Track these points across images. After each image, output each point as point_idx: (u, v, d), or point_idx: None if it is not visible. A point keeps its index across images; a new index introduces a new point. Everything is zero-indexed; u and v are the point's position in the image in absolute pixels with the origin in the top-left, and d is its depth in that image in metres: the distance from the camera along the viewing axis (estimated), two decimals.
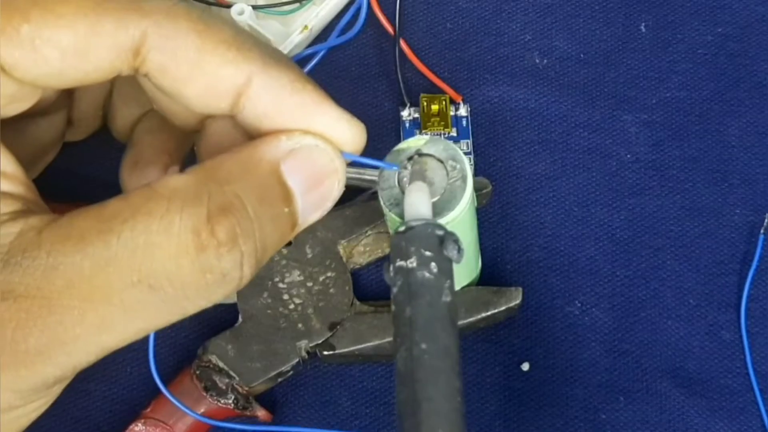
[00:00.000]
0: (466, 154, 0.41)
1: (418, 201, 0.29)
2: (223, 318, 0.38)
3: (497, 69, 0.44)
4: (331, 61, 0.43)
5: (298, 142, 0.27)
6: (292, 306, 0.38)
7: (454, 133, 0.42)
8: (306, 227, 0.28)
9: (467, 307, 0.38)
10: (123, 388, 0.39)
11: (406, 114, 0.42)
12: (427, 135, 0.41)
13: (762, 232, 0.40)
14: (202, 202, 0.25)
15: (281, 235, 0.27)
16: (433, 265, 0.27)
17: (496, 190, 0.41)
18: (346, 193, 0.29)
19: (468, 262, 0.37)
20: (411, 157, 0.32)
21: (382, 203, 0.31)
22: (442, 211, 0.31)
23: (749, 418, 0.38)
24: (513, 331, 0.39)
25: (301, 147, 0.27)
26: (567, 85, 0.43)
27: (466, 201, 0.31)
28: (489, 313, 0.38)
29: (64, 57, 0.25)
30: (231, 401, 0.37)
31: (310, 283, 0.38)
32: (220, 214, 0.25)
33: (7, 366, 0.24)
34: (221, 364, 0.37)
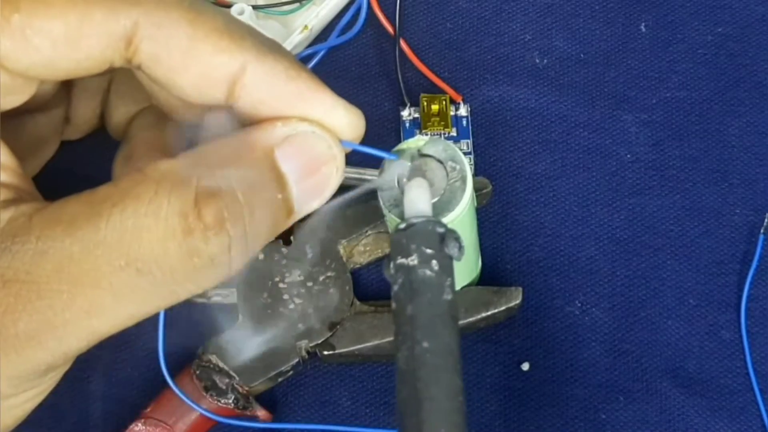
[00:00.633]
0: (466, 154, 0.41)
1: (418, 198, 0.29)
2: (223, 318, 0.38)
3: (497, 69, 0.44)
4: (331, 61, 0.43)
5: (294, 129, 0.27)
6: (292, 306, 0.38)
7: (454, 133, 0.42)
8: (307, 228, 0.28)
9: (467, 306, 0.38)
10: (123, 388, 0.39)
11: (406, 114, 0.42)
12: (427, 135, 0.41)
13: (762, 232, 0.40)
14: (191, 186, 0.25)
15: (275, 222, 0.27)
16: (434, 262, 0.27)
17: (496, 190, 0.41)
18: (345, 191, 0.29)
19: (468, 262, 0.37)
20: (411, 158, 0.32)
21: (382, 204, 0.31)
22: (442, 211, 0.31)
23: (749, 418, 0.38)
24: (513, 331, 0.39)
25: (297, 133, 0.27)
26: (567, 85, 0.43)
27: (466, 201, 0.31)
28: (489, 313, 0.38)
29: (55, 47, 0.25)
30: (231, 401, 0.37)
31: (310, 283, 0.38)
32: (208, 197, 0.25)
33: None
34: (221, 364, 0.37)
